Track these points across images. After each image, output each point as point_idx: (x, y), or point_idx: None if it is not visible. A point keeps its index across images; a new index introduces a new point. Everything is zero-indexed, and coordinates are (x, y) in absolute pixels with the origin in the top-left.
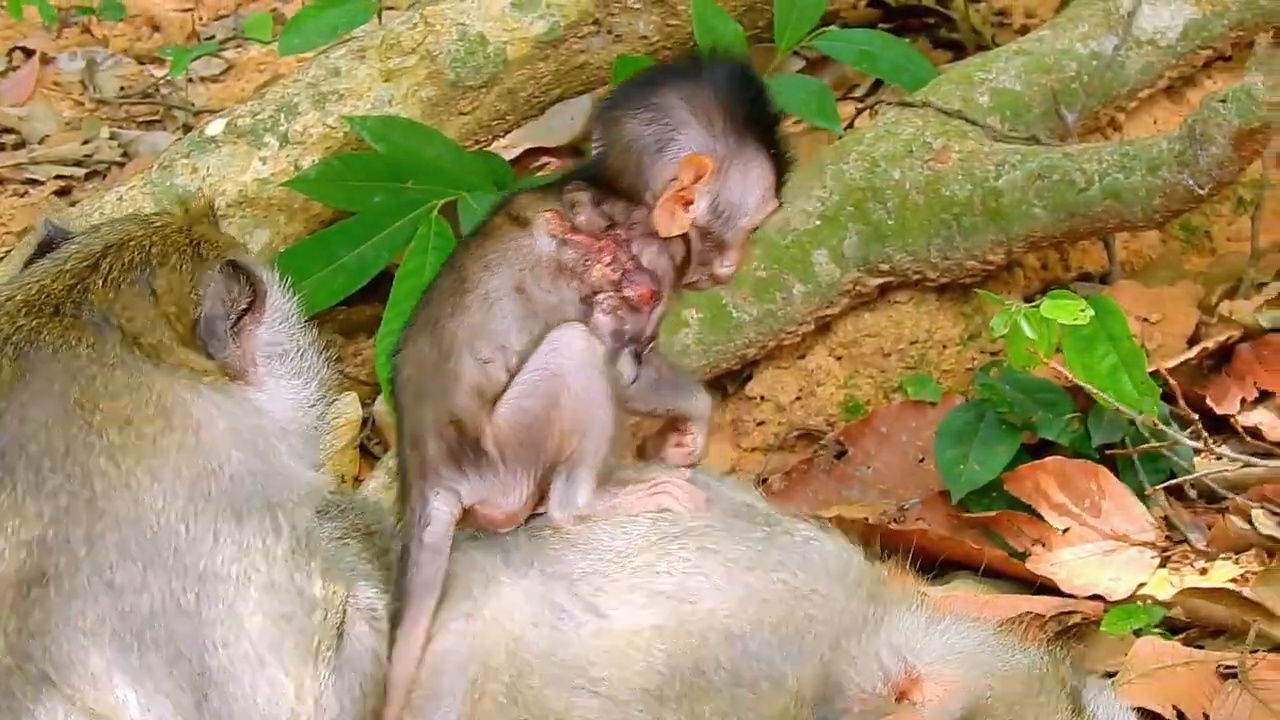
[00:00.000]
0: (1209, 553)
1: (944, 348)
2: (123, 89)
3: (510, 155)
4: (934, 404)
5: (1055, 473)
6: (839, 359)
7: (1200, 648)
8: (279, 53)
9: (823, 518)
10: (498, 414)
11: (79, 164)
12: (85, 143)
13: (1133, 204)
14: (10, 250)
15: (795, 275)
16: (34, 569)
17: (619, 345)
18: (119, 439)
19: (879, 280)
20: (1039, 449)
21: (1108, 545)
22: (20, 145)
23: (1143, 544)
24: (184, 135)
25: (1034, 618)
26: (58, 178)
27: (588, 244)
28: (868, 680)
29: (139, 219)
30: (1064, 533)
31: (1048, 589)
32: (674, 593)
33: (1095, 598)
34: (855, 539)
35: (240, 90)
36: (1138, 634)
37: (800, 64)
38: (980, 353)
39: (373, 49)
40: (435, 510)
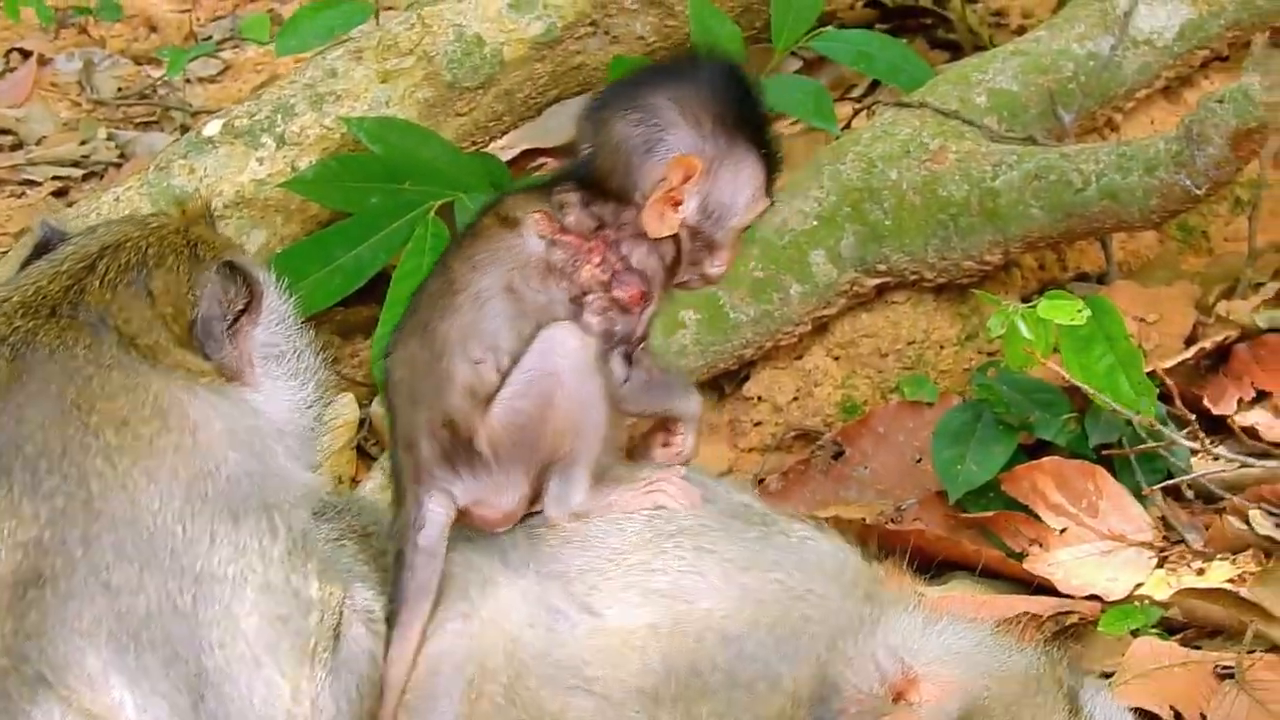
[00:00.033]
0: (1206, 553)
1: (941, 348)
2: (120, 90)
3: (507, 156)
4: (931, 404)
5: (1052, 473)
6: (836, 359)
7: (1197, 648)
8: (276, 54)
9: (820, 518)
10: (491, 414)
11: (76, 165)
12: (82, 143)
13: (1130, 204)
14: (7, 251)
15: (792, 276)
16: (30, 570)
17: (609, 346)
18: (115, 440)
19: (876, 281)
20: (1036, 449)
21: (1105, 545)
22: (17, 146)
23: (1140, 544)
24: (181, 136)
25: (1031, 618)
26: (55, 178)
27: (577, 245)
28: (864, 681)
29: (136, 220)
30: (1061, 533)
31: (1045, 589)
32: (669, 591)
33: (1092, 598)
34: (852, 539)
35: (237, 91)
36: (1135, 634)
37: (797, 64)
38: (977, 353)
39: (370, 50)
40: (430, 512)
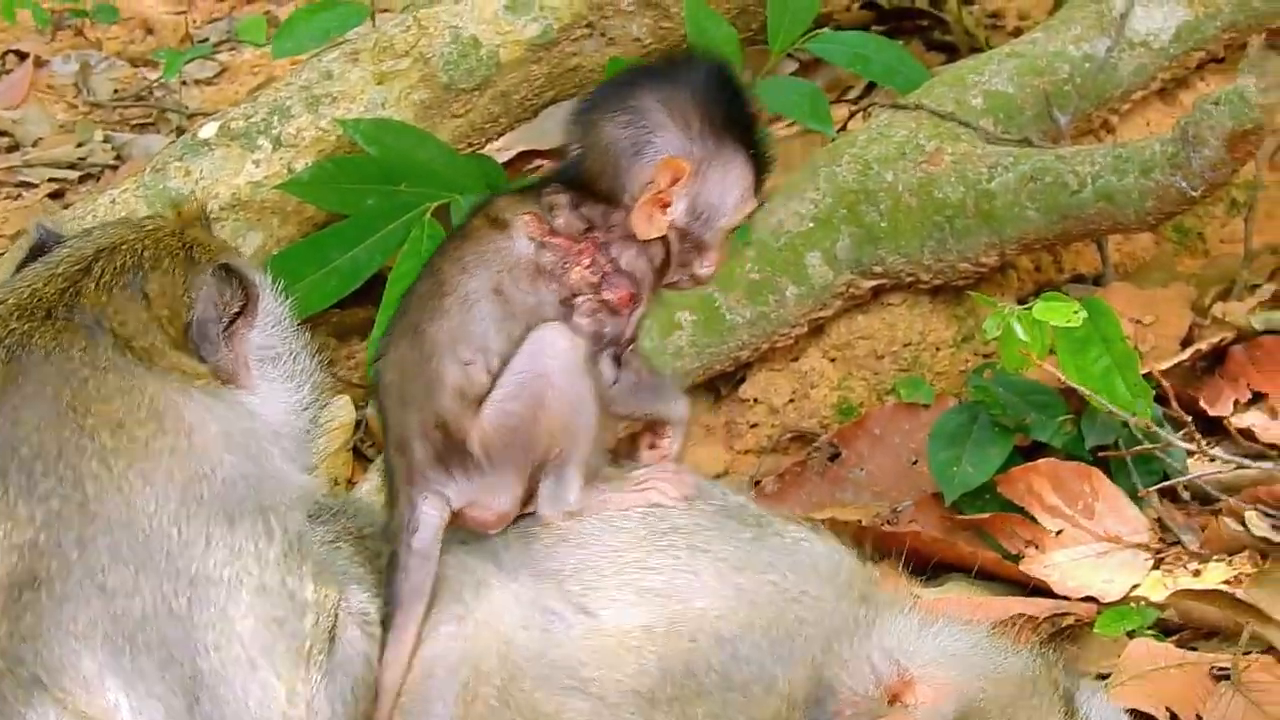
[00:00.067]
0: (1202, 554)
1: (937, 350)
2: (116, 92)
3: (503, 158)
4: (927, 406)
5: (1048, 475)
6: (832, 361)
7: (1193, 649)
8: (272, 56)
9: (816, 520)
10: (483, 416)
11: (72, 167)
12: (79, 145)
13: (1125, 206)
14: (3, 254)
15: (788, 277)
16: (26, 572)
17: (599, 348)
18: (111, 442)
19: (872, 282)
20: (1032, 451)
21: (1101, 547)
22: (14, 148)
23: (1136, 546)
24: (177, 138)
25: (1027, 620)
26: (51, 180)
27: (566, 246)
28: (860, 683)
29: (131, 222)
30: (1057, 535)
31: (1041, 591)
32: (663, 590)
33: (1088, 599)
34: (848, 541)
35: (234, 93)
36: (1131, 636)
37: (793, 66)
38: (973, 355)
39: (366, 52)
40: (424, 515)
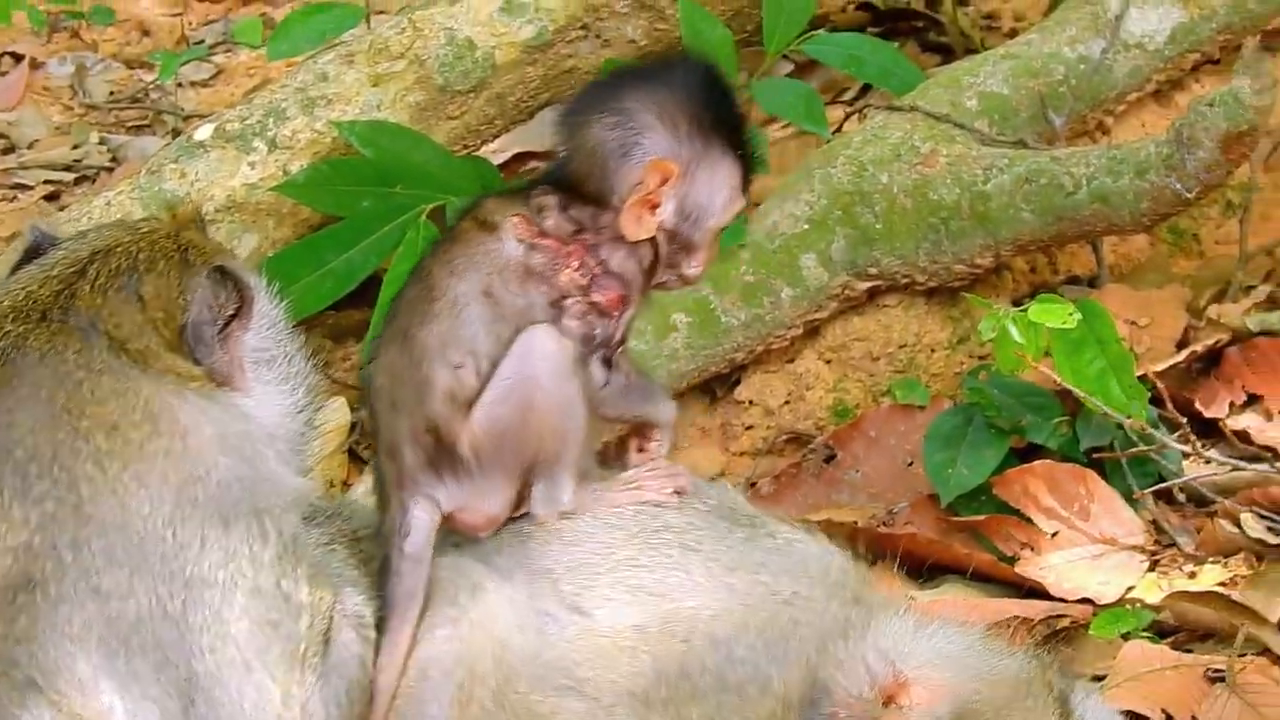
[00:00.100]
0: (1198, 556)
1: (932, 351)
2: (112, 94)
3: (499, 160)
4: (922, 408)
5: (1044, 476)
6: (828, 363)
7: (1189, 651)
8: (268, 58)
9: (811, 521)
10: (473, 420)
11: (68, 169)
12: (74, 147)
13: (1120, 208)
14: None
15: (783, 279)
16: (20, 575)
17: (588, 350)
18: (106, 444)
19: (867, 284)
20: (1027, 453)
21: (1096, 549)
22: (9, 150)
23: (1131, 548)
24: (173, 140)
25: (1022, 621)
26: (46, 182)
27: (555, 248)
28: (854, 684)
29: (127, 225)
30: (1052, 536)
31: (1036, 593)
32: (656, 589)
33: (1084, 601)
34: (843, 543)
35: (229, 95)
36: (1126, 638)
37: (789, 68)
38: (969, 356)
39: (361, 54)
40: (415, 519)
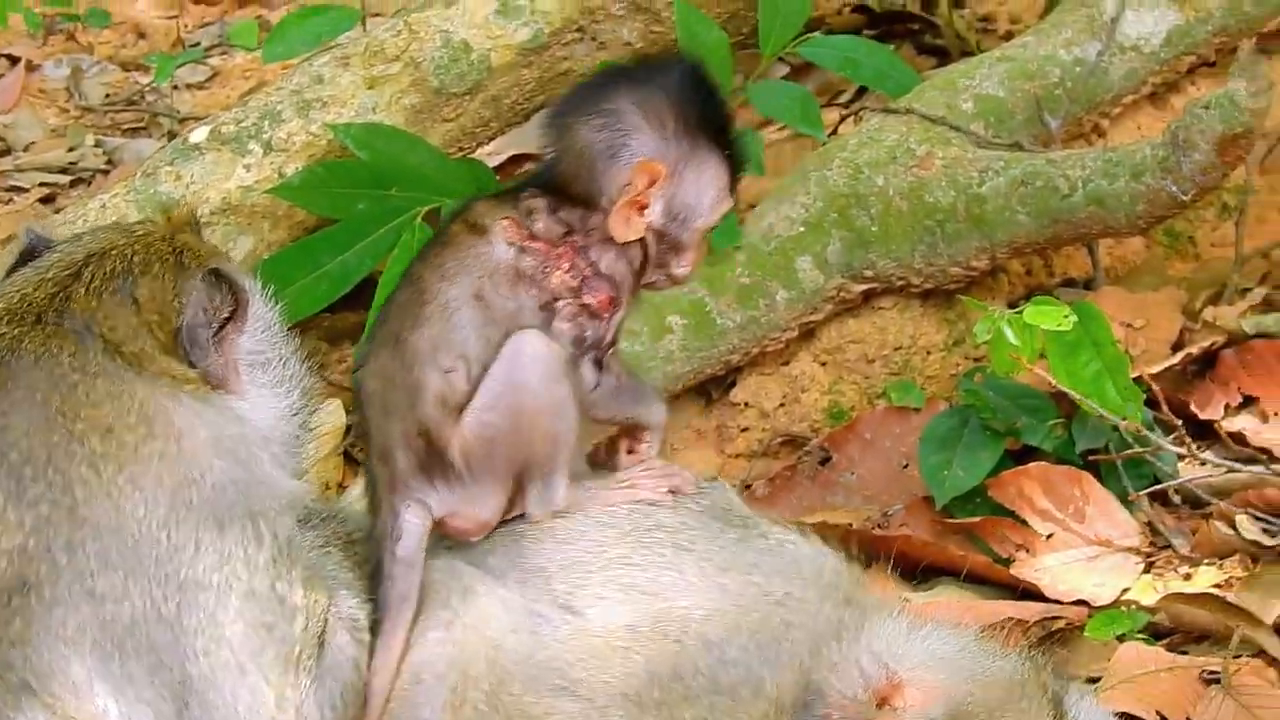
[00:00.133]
0: (1193, 558)
1: (928, 353)
2: (108, 96)
3: (494, 162)
4: (918, 410)
5: (1039, 478)
6: (823, 365)
7: (1184, 653)
8: (263, 60)
9: (806, 523)
10: (464, 425)
11: (64, 171)
12: (70, 150)
13: (1116, 210)
14: None
15: (779, 282)
16: (14, 577)
17: (580, 352)
18: (100, 447)
19: (863, 286)
20: (1023, 455)
21: (1091, 551)
22: (5, 153)
23: (1127, 549)
24: (168, 143)
25: (1017, 623)
26: (42, 185)
27: (546, 251)
28: (848, 686)
29: (122, 227)
30: (1048, 538)
31: (1031, 595)
32: (648, 588)
33: (1079, 603)
34: (838, 544)
35: (225, 97)
36: (1121, 639)
37: (784, 70)
38: (964, 359)
39: (356, 56)
40: (407, 523)
